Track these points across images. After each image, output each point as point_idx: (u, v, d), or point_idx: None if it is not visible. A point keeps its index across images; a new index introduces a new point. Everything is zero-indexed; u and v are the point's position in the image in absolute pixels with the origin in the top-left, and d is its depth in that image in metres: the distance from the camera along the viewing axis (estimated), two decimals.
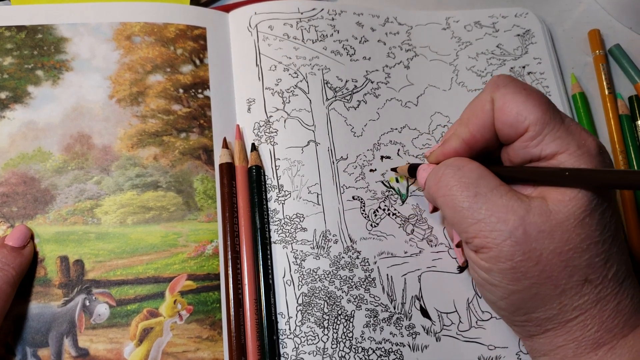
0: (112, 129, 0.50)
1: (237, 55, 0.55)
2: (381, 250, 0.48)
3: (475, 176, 0.38)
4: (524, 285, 0.36)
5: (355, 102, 0.54)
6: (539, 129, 0.37)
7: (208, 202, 0.49)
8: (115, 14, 0.54)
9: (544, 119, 0.37)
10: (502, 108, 0.38)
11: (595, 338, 0.35)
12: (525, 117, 0.37)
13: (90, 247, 0.46)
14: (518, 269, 0.35)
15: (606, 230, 0.35)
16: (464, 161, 0.39)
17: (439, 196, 0.40)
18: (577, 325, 0.36)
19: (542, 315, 0.37)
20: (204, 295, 0.46)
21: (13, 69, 0.51)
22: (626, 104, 0.57)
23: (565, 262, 0.35)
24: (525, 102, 0.37)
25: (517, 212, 0.35)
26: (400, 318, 0.46)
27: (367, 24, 0.57)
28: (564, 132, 0.36)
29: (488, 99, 0.39)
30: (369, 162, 0.51)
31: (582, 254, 0.35)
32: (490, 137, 0.40)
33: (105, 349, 0.43)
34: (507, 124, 0.38)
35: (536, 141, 0.37)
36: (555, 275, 0.35)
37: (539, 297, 0.36)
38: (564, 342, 0.36)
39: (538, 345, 0.38)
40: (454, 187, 0.38)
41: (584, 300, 0.35)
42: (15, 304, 0.43)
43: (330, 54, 0.55)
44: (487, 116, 0.39)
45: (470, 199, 0.37)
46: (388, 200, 0.50)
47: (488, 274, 0.37)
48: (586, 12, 0.63)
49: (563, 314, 0.36)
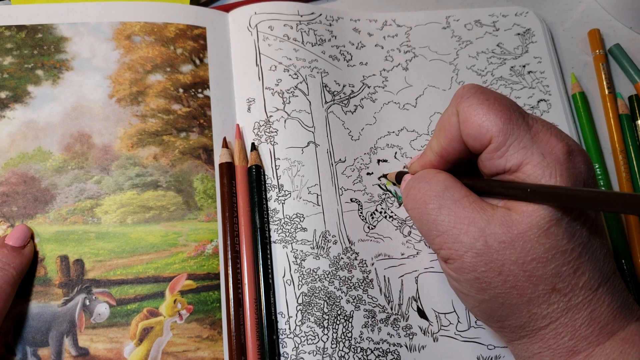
0: (112, 128, 0.50)
1: (237, 55, 0.55)
2: (378, 252, 0.48)
3: (440, 188, 0.38)
4: (490, 294, 0.36)
5: (353, 106, 0.54)
6: (501, 140, 0.36)
7: (208, 202, 0.49)
8: (115, 14, 0.54)
9: (507, 129, 0.36)
10: (465, 121, 0.37)
11: (569, 346, 0.35)
12: (487, 129, 0.36)
13: (91, 246, 0.46)
14: (482, 280, 0.35)
15: (575, 238, 0.34)
16: (432, 173, 0.40)
17: (409, 208, 0.40)
18: (549, 334, 0.35)
19: (514, 323, 0.36)
20: (204, 294, 0.46)
21: (13, 68, 0.51)
22: (626, 104, 0.57)
23: (529, 272, 0.34)
24: (487, 113, 0.36)
25: (478, 223, 0.35)
26: (397, 319, 0.46)
27: (364, 30, 0.57)
28: (529, 141, 0.35)
29: (454, 111, 0.39)
30: (366, 166, 0.51)
31: (547, 264, 0.34)
32: (460, 149, 0.39)
33: (106, 349, 0.43)
34: (471, 137, 0.37)
35: (500, 152, 0.36)
36: (520, 285, 0.35)
37: (506, 306, 0.36)
38: (539, 350, 0.36)
39: (518, 350, 0.38)
40: (420, 199, 0.39)
41: (552, 308, 0.35)
42: (15, 303, 0.43)
43: (329, 58, 0.55)
44: (454, 129, 0.39)
45: (435, 212, 0.37)
46: (385, 203, 0.50)
47: (458, 283, 0.38)
48: (586, 11, 0.63)
49: (533, 322, 0.36)
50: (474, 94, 0.38)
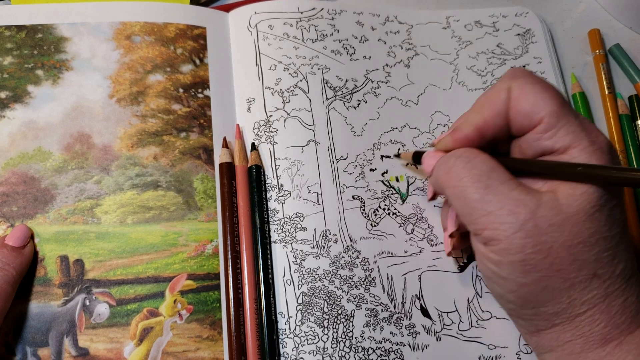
0: (112, 128, 0.50)
1: (237, 54, 0.55)
2: (381, 250, 0.48)
3: (486, 168, 0.38)
4: (533, 278, 0.36)
5: (355, 101, 0.54)
6: (553, 121, 0.37)
7: (208, 202, 0.49)
8: (115, 14, 0.54)
9: (559, 112, 0.37)
10: (519, 97, 0.38)
11: (603, 334, 0.35)
12: (542, 108, 0.37)
13: (90, 246, 0.46)
14: (528, 262, 0.35)
15: (614, 226, 0.35)
16: (475, 152, 0.39)
17: (448, 186, 0.39)
18: (585, 320, 0.36)
19: (551, 310, 0.36)
20: (204, 294, 0.46)
21: (13, 68, 0.51)
22: (626, 104, 0.57)
23: (575, 255, 0.35)
24: (542, 93, 0.37)
25: (528, 205, 0.35)
26: (401, 317, 0.46)
27: (367, 23, 0.57)
28: (578, 127, 0.37)
29: (505, 87, 0.39)
30: (369, 162, 0.51)
31: (591, 249, 0.35)
32: (502, 126, 0.40)
33: (106, 349, 0.43)
34: (523, 114, 0.38)
35: (550, 133, 0.37)
36: (565, 269, 0.35)
37: (547, 291, 0.36)
38: (572, 337, 0.36)
39: (545, 340, 0.38)
40: (464, 178, 0.38)
41: (592, 294, 0.35)
42: (15, 303, 0.43)
43: (330, 53, 0.55)
44: (502, 104, 0.39)
45: (481, 191, 0.37)
46: (388, 199, 0.50)
47: (497, 266, 0.37)
48: (586, 11, 0.63)
49: (572, 309, 0.36)
50: (529, 74, 0.39)
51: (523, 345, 0.46)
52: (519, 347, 0.46)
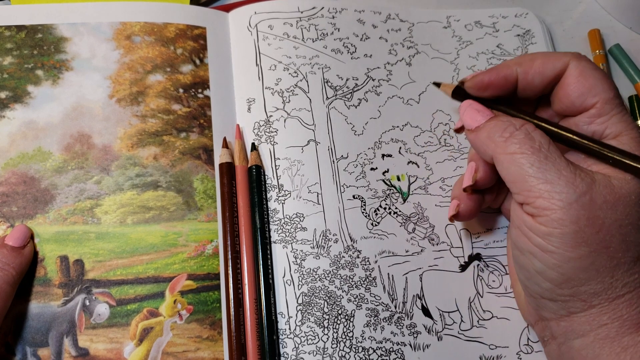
0: (112, 128, 0.50)
1: (237, 54, 0.55)
2: (382, 249, 0.48)
3: (546, 141, 0.38)
4: (582, 252, 0.36)
5: (356, 100, 0.54)
6: (607, 108, 0.38)
7: (208, 202, 0.49)
8: (115, 14, 0.54)
9: (615, 101, 0.38)
10: (578, 76, 0.39)
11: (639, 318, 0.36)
12: (598, 93, 0.39)
13: (90, 246, 0.46)
14: (580, 234, 0.36)
15: None
16: (533, 126, 0.40)
17: (504, 152, 0.39)
18: (624, 303, 0.36)
19: (591, 289, 0.37)
20: (204, 295, 0.46)
21: (13, 68, 0.51)
22: (626, 104, 0.57)
23: (624, 235, 0.36)
24: (601, 79, 0.39)
25: (585, 179, 0.36)
26: (402, 317, 0.46)
27: (368, 21, 0.57)
28: (629, 117, 0.39)
29: (566, 59, 0.40)
30: (370, 161, 0.51)
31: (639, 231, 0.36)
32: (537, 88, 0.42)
33: (105, 349, 0.43)
34: (578, 93, 0.39)
35: (602, 119, 0.39)
36: (613, 247, 0.36)
37: (592, 268, 0.36)
38: (609, 320, 0.37)
39: (577, 324, 0.38)
40: (525, 146, 0.38)
41: (634, 278, 0.36)
42: (15, 303, 0.43)
43: (331, 52, 0.55)
44: (554, 72, 0.40)
45: (541, 161, 0.37)
46: (389, 198, 0.50)
47: (545, 238, 0.37)
48: (586, 11, 0.63)
49: (612, 290, 0.36)
50: (590, 61, 0.40)
51: (523, 345, 0.46)
52: (519, 347, 0.46)
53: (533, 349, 0.45)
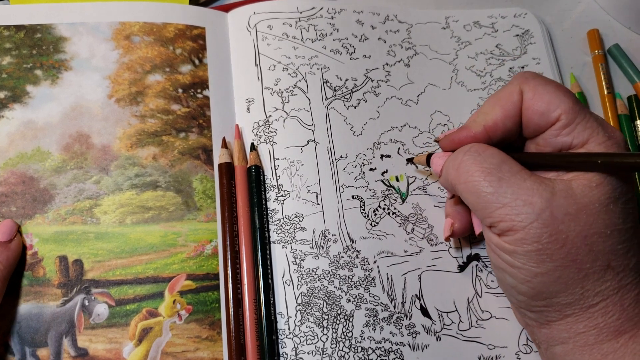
0: (111, 128, 0.50)
1: (236, 55, 0.55)
2: (381, 250, 0.48)
3: (497, 161, 0.38)
4: (548, 267, 0.36)
5: (355, 100, 0.54)
6: (571, 117, 0.38)
7: (207, 202, 0.49)
8: (114, 14, 0.54)
9: (576, 109, 0.38)
10: (533, 98, 0.39)
11: (616, 325, 0.36)
12: (557, 106, 0.38)
13: (90, 246, 0.46)
14: (544, 251, 0.35)
15: (629, 220, 0.36)
16: (483, 147, 0.40)
17: (459, 183, 0.39)
18: (599, 312, 0.36)
19: (563, 300, 0.37)
20: (203, 295, 0.46)
21: (12, 68, 0.51)
22: (625, 104, 0.57)
23: (590, 246, 0.35)
24: (556, 92, 0.38)
25: (543, 194, 0.35)
26: (401, 317, 0.46)
27: (367, 22, 0.57)
28: (595, 122, 0.38)
29: (516, 90, 0.40)
30: (369, 161, 0.51)
31: (607, 239, 0.35)
32: (511, 128, 0.40)
33: (105, 349, 0.43)
34: (539, 113, 0.39)
35: (569, 129, 0.38)
36: (580, 259, 0.35)
37: (562, 281, 0.36)
38: (585, 329, 0.37)
39: (556, 332, 0.38)
40: (475, 172, 0.38)
41: (606, 286, 0.36)
42: (14, 303, 0.43)
43: (330, 52, 0.55)
44: (514, 106, 0.40)
45: (494, 184, 0.37)
46: (388, 199, 0.50)
47: (512, 256, 0.37)
48: (585, 11, 0.63)
49: (585, 300, 0.36)
50: (539, 76, 0.40)
51: (522, 345, 0.46)
52: (518, 347, 0.46)
53: (532, 349, 0.45)
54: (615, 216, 0.35)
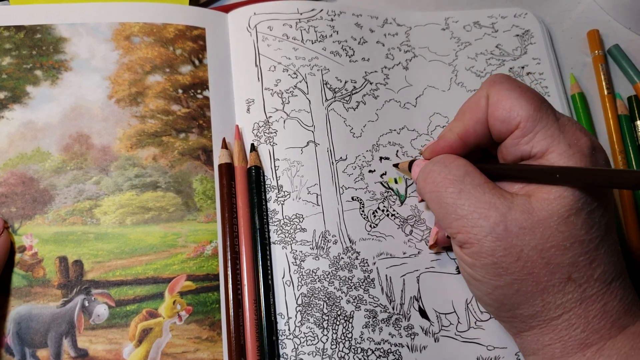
0: (111, 129, 0.50)
1: (236, 55, 0.55)
2: (380, 251, 0.48)
3: (461, 173, 0.38)
4: (505, 281, 0.36)
5: (354, 103, 0.54)
6: (530, 125, 0.37)
7: (207, 203, 0.49)
8: (114, 14, 0.54)
9: (536, 116, 0.37)
10: (495, 103, 0.38)
11: (581, 338, 0.35)
12: (517, 114, 0.37)
13: (90, 247, 0.46)
14: (499, 265, 0.35)
15: (594, 230, 0.35)
16: (451, 158, 0.40)
17: (426, 192, 0.40)
18: (562, 324, 0.36)
19: (526, 312, 0.37)
20: (204, 295, 0.46)
21: (12, 68, 0.51)
22: (625, 104, 0.57)
23: (547, 259, 0.35)
24: (518, 98, 0.37)
25: (499, 208, 0.35)
26: (399, 319, 0.46)
27: (366, 25, 0.57)
28: (556, 130, 0.36)
29: (484, 94, 0.40)
30: (368, 163, 0.51)
31: (565, 252, 0.35)
32: (483, 133, 0.40)
33: (105, 350, 0.43)
34: (500, 120, 0.38)
35: (527, 138, 0.37)
36: (537, 272, 0.35)
37: (521, 294, 0.36)
38: (550, 341, 0.36)
39: (527, 342, 0.38)
40: (439, 183, 0.39)
41: (567, 298, 0.35)
42: (13, 304, 0.43)
43: (330, 54, 0.55)
44: (482, 112, 0.40)
45: (454, 196, 0.37)
46: (387, 201, 0.50)
47: (472, 269, 0.37)
48: (585, 12, 0.63)
49: (546, 312, 0.36)
50: (506, 80, 0.39)
51: None
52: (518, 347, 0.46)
53: None
54: (577, 227, 0.35)
